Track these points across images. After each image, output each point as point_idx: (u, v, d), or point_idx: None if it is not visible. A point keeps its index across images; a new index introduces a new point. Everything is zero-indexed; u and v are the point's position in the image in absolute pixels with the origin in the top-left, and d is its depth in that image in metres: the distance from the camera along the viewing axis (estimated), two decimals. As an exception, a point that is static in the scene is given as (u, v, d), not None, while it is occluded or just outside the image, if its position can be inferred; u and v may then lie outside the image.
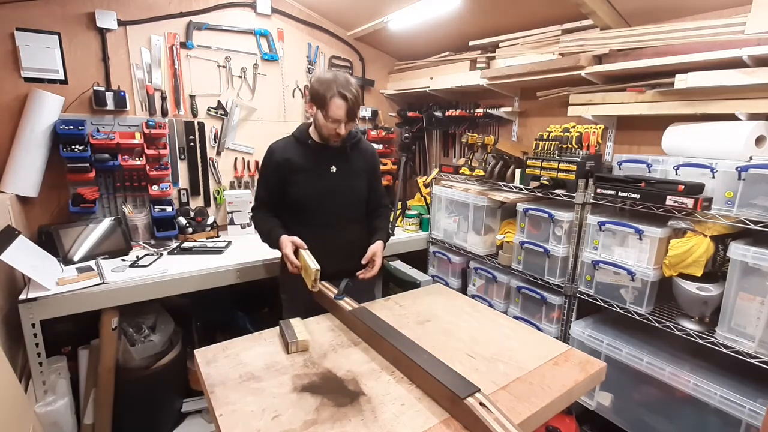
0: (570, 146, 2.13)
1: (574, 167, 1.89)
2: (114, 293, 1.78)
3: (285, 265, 1.62)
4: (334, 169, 1.67)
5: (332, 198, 1.68)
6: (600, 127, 2.08)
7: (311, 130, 1.68)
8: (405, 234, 2.77)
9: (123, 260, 2.08)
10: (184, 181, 2.61)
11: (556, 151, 2.16)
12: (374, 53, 3.23)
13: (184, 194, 2.61)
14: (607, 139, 2.11)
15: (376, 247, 1.66)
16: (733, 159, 1.48)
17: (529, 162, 2.09)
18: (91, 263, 2.00)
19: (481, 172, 2.38)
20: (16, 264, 1.60)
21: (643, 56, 1.73)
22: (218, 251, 2.26)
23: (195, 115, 2.57)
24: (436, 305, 1.61)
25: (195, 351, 1.26)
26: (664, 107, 1.72)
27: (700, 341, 1.50)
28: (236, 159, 2.76)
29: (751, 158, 1.45)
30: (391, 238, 2.13)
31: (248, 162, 2.80)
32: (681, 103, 1.67)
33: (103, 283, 1.78)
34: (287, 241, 1.57)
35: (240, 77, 2.69)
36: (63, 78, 2.18)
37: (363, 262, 1.65)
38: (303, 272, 1.54)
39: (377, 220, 1.82)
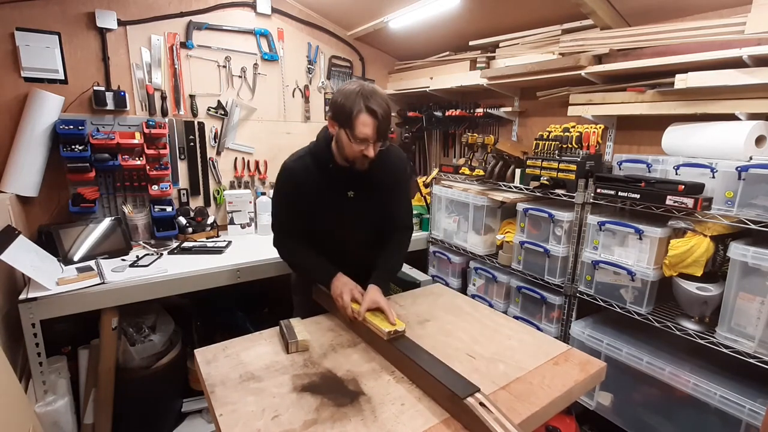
0: (570, 146, 2.13)
1: (574, 167, 1.89)
2: (114, 293, 1.78)
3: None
4: (351, 193, 1.47)
5: (344, 225, 1.51)
6: (600, 127, 2.08)
7: (333, 146, 1.42)
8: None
9: (123, 260, 2.08)
10: (184, 181, 2.61)
11: (556, 151, 2.16)
12: (374, 53, 3.22)
13: (184, 194, 2.61)
14: (607, 139, 2.11)
15: (372, 295, 1.35)
16: (733, 159, 1.48)
17: (529, 162, 2.09)
18: (91, 263, 2.00)
19: (481, 172, 2.38)
20: (16, 264, 1.60)
21: (643, 56, 1.73)
22: (218, 251, 2.26)
23: (195, 115, 2.57)
24: (436, 305, 1.61)
25: (195, 351, 1.26)
26: (664, 107, 1.72)
27: (700, 341, 1.50)
28: (236, 159, 2.76)
29: (751, 158, 1.45)
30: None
31: (248, 162, 2.80)
32: (681, 103, 1.67)
33: (103, 283, 1.78)
34: (344, 287, 1.39)
35: (240, 77, 2.69)
36: (63, 78, 2.18)
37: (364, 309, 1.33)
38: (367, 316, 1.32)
39: (384, 252, 1.55)
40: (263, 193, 2.73)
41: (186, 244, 2.33)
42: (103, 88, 2.24)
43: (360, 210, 1.50)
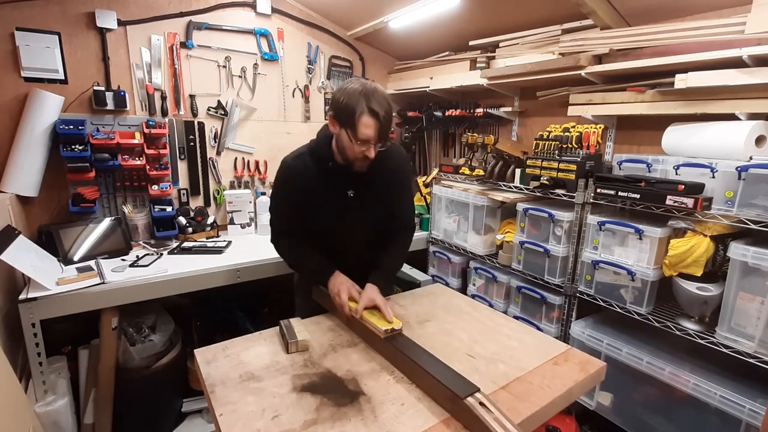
0: (570, 146, 2.13)
1: (574, 167, 1.89)
2: (114, 293, 1.78)
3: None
4: (351, 192, 1.46)
5: (344, 224, 1.50)
6: (600, 127, 2.08)
7: (334, 145, 1.41)
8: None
9: (123, 260, 2.08)
10: (184, 181, 2.61)
11: (556, 151, 2.16)
12: (374, 53, 3.22)
13: (184, 194, 2.61)
14: (607, 139, 2.11)
15: (370, 293, 1.37)
16: (733, 159, 1.48)
17: (529, 162, 2.09)
18: (91, 263, 2.00)
19: (481, 172, 2.38)
20: (16, 264, 1.60)
21: (643, 56, 1.73)
22: (218, 251, 2.26)
23: (195, 115, 2.57)
24: (436, 305, 1.61)
25: (195, 351, 1.26)
26: (664, 107, 1.72)
27: (700, 341, 1.50)
28: (236, 159, 2.76)
29: (751, 158, 1.45)
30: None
31: (248, 162, 2.80)
32: (681, 103, 1.67)
33: (103, 283, 1.78)
34: (342, 285, 1.41)
35: (240, 77, 2.69)
36: (63, 78, 2.18)
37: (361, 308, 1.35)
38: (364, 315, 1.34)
39: (385, 252, 1.56)
40: (263, 193, 2.73)
41: (186, 244, 2.33)
42: (103, 88, 2.24)
43: (360, 209, 1.49)
